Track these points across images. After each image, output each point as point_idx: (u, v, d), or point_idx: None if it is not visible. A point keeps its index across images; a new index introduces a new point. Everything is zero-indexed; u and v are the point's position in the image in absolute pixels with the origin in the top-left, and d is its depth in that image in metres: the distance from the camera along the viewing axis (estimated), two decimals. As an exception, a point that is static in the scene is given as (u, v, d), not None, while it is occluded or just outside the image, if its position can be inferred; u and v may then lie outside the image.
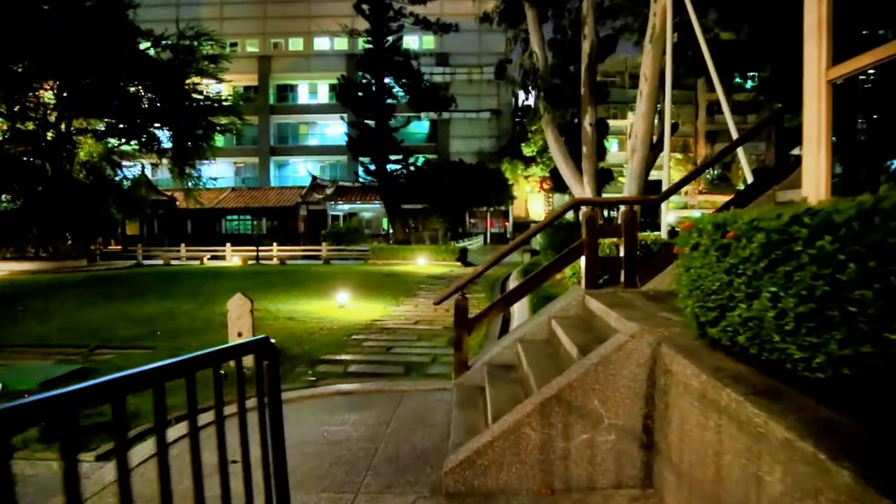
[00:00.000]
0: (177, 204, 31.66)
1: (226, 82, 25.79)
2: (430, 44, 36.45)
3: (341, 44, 39.20)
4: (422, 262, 21.06)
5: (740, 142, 5.30)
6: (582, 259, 4.51)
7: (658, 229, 8.73)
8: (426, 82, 27.17)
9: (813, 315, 1.64)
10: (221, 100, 23.97)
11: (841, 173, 2.79)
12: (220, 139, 26.86)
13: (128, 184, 25.16)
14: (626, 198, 6.47)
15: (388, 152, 26.99)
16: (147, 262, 23.66)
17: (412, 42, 32.39)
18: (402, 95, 27.20)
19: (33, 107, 20.39)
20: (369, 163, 27.15)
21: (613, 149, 37.80)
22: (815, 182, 2.61)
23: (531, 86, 10.55)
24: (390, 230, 29.97)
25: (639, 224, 4.61)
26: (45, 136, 20.64)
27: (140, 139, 22.92)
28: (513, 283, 12.80)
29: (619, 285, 4.45)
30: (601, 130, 17.71)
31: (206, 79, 23.49)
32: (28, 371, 5.94)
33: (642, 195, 8.76)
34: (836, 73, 2.47)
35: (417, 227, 31.03)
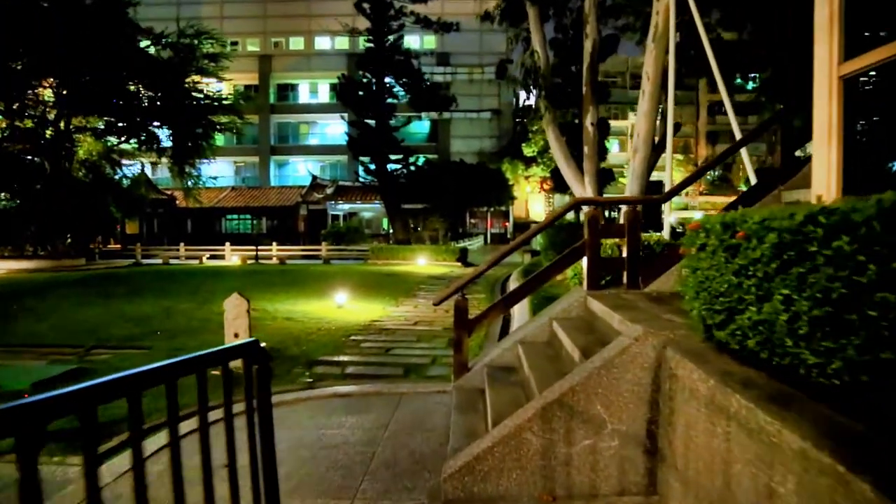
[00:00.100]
0: (176, 203, 31.61)
1: (226, 81, 25.69)
2: (430, 43, 36.37)
3: (342, 43, 39.15)
4: (422, 263, 20.98)
5: (744, 142, 5.23)
6: (584, 260, 4.45)
7: (658, 229, 8.67)
8: (427, 82, 27.08)
9: (829, 319, 1.57)
10: (222, 99, 23.88)
11: (851, 172, 2.72)
12: (220, 138, 26.78)
13: (127, 182, 25.08)
14: (628, 198, 6.39)
15: (388, 152, 26.91)
16: (146, 261, 23.60)
17: (413, 41, 32.30)
18: (402, 95, 27.12)
19: (32, 104, 20.32)
20: (369, 162, 27.05)
21: (614, 149, 37.78)
22: (826, 181, 2.54)
23: (532, 85, 10.47)
24: (390, 230, 29.89)
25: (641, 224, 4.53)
26: (44, 133, 20.57)
27: (140, 138, 22.84)
28: (513, 284, 12.73)
29: (622, 286, 4.38)
30: (602, 130, 17.66)
31: (207, 77, 23.41)
32: (22, 371, 5.86)
33: (644, 195, 8.69)
34: (849, 69, 2.40)
35: (417, 227, 30.96)
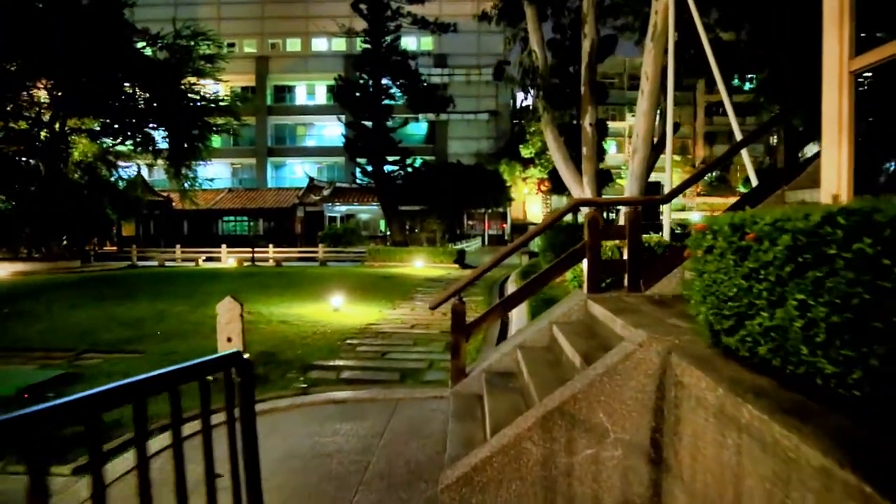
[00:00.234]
0: (173, 205, 31.41)
1: (223, 82, 25.54)
2: (428, 45, 36.33)
3: (339, 44, 39.07)
4: (419, 265, 20.86)
5: (746, 142, 5.15)
6: (584, 262, 4.35)
7: (656, 231, 8.59)
8: (424, 83, 26.95)
9: (849, 326, 1.48)
10: (218, 100, 23.71)
11: (860, 171, 2.63)
12: (216, 140, 26.62)
13: (123, 184, 24.90)
14: (629, 198, 6.30)
15: (385, 153, 26.79)
16: (141, 263, 23.42)
17: (410, 43, 32.24)
18: (399, 96, 27.00)
19: (27, 105, 20.13)
20: (366, 164, 26.92)
21: (611, 151, 37.79)
22: (836, 181, 2.45)
23: (530, 85, 10.39)
24: (387, 232, 29.76)
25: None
26: (39, 135, 20.39)
27: (135, 139, 22.68)
28: (511, 286, 12.63)
29: (623, 289, 4.28)
30: (601, 131, 17.58)
31: (203, 79, 23.25)
32: (7, 376, 5.73)
33: (644, 196, 8.61)
34: (860, 64, 2.31)
35: (415, 229, 30.84)
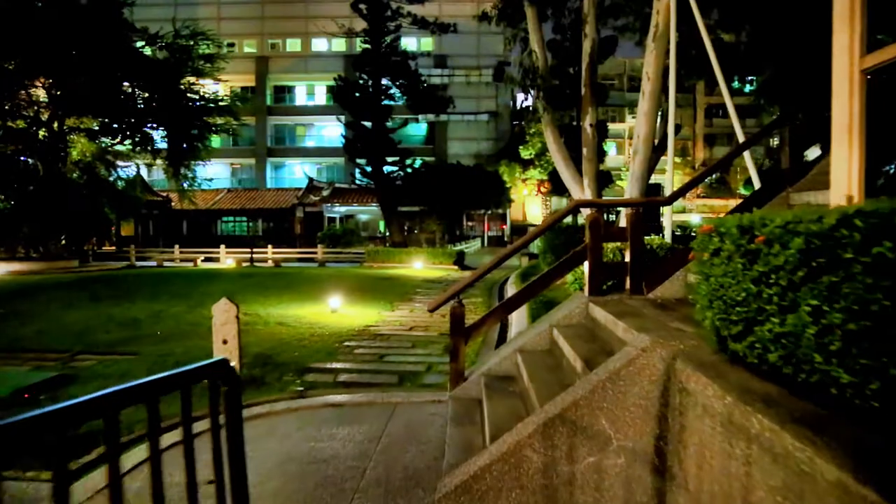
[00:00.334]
0: (172, 205, 31.31)
1: (222, 82, 25.46)
2: (428, 45, 36.25)
3: (339, 45, 39.01)
4: (418, 266, 20.78)
5: (750, 143, 5.08)
6: (585, 264, 4.28)
7: (657, 233, 8.52)
8: (424, 83, 26.87)
9: (867, 333, 1.41)
10: (218, 100, 23.64)
11: (871, 173, 2.55)
12: (216, 140, 26.53)
13: (122, 184, 24.79)
14: (630, 200, 6.23)
15: (385, 154, 26.71)
16: (140, 263, 23.32)
17: (410, 43, 32.16)
18: (399, 97, 26.93)
19: (25, 104, 20.05)
20: (366, 164, 26.84)
21: (611, 152, 37.75)
22: (846, 182, 2.38)
23: (531, 85, 10.32)
24: (387, 233, 29.68)
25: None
26: (38, 134, 20.30)
27: (134, 139, 22.59)
28: (511, 287, 12.56)
29: (625, 292, 4.22)
30: (601, 132, 17.53)
31: (203, 79, 23.17)
32: (0, 378, 5.65)
33: (645, 198, 8.54)
34: (872, 62, 2.24)
35: (414, 230, 30.76)
